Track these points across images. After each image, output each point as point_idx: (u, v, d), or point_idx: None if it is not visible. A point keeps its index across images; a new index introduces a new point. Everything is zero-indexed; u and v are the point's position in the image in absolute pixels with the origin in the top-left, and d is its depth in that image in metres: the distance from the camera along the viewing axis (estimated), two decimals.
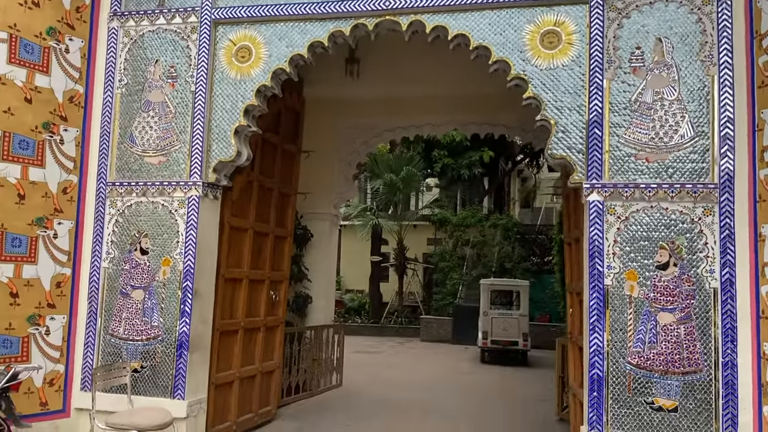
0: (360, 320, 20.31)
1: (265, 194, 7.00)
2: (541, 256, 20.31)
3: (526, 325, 13.54)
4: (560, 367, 8.06)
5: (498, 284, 14.55)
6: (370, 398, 9.03)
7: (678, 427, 4.60)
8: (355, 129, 9.50)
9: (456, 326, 17.65)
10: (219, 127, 5.72)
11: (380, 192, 19.23)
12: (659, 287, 4.74)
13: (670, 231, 4.78)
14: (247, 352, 6.75)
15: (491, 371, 12.51)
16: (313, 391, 8.93)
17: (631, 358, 4.72)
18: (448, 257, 19.71)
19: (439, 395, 9.50)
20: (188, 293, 5.57)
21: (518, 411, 8.56)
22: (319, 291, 9.43)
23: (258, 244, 6.90)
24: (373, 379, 10.90)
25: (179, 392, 5.49)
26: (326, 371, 9.41)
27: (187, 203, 5.65)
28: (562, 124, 5.06)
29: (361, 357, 13.83)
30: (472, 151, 19.72)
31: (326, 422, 7.42)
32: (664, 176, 4.83)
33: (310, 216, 9.38)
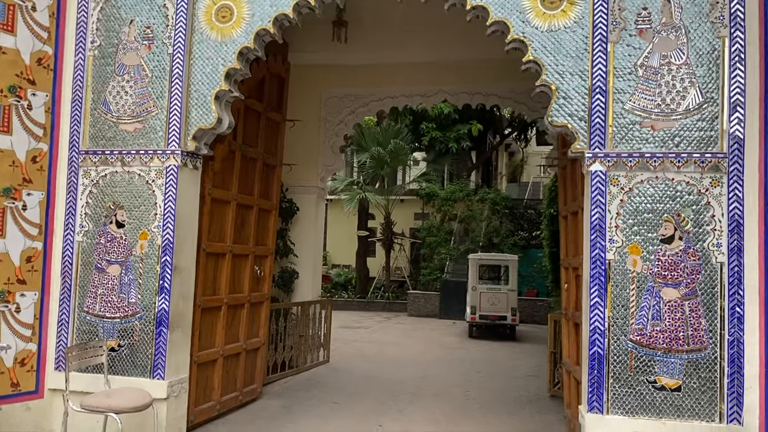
0: (347, 295, 20.13)
1: (249, 165, 6.68)
2: (529, 230, 20.18)
3: (514, 299, 13.41)
4: (552, 343, 7.90)
5: (486, 259, 14.37)
6: (358, 374, 8.84)
7: (681, 406, 4.42)
8: (342, 98, 9.16)
9: (443, 301, 17.53)
10: (199, 92, 5.37)
11: (367, 165, 18.90)
12: (663, 262, 4.52)
13: (675, 203, 4.54)
14: (231, 329, 6.49)
15: (479, 346, 12.38)
16: (300, 368, 8.71)
17: (633, 336, 4.52)
18: (435, 232, 19.51)
19: (428, 371, 9.34)
20: (167, 268, 5.27)
21: (509, 387, 8.41)
22: (305, 266, 9.15)
23: (241, 217, 6.60)
24: (361, 354, 10.72)
25: (159, 372, 5.22)
26: (313, 348, 9.19)
27: (165, 173, 5.32)
28: (564, 89, 4.78)
29: (348, 332, 13.65)
30: (460, 124, 19.42)
31: (314, 400, 7.21)
32: (670, 145, 4.58)
33: (296, 189, 9.06)
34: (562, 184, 6.68)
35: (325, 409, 6.80)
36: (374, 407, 6.99)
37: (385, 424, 6.26)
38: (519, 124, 22.75)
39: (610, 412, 4.50)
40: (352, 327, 14.86)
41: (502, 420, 6.62)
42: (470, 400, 7.57)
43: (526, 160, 29.64)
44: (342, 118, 9.16)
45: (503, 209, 19.77)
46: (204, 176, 5.79)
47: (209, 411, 6.09)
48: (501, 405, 7.34)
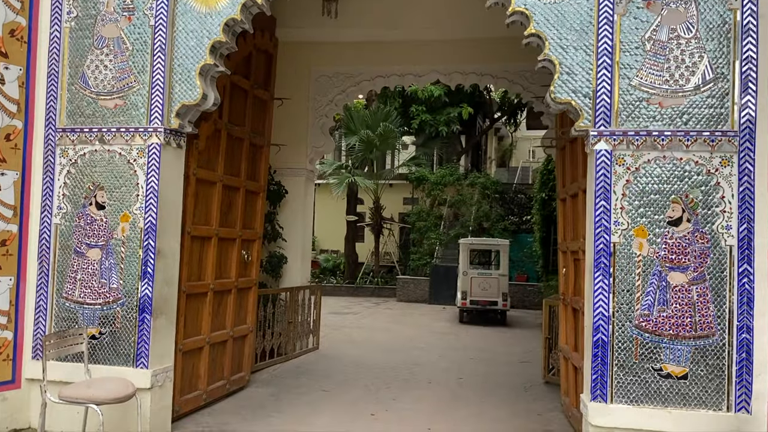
0: (335, 281, 19.93)
1: (235, 144, 6.41)
2: (519, 215, 20.04)
3: (505, 284, 13.27)
4: (548, 329, 7.74)
5: (477, 243, 14.21)
6: (347, 361, 8.64)
7: (687, 394, 4.26)
8: (331, 77, 8.88)
9: (433, 286, 17.38)
10: (182, 67, 5.08)
11: (356, 149, 18.61)
12: (670, 245, 4.33)
13: (683, 183, 4.35)
14: (218, 315, 6.25)
15: (470, 332, 12.23)
16: (289, 355, 8.50)
17: (638, 322, 4.34)
18: (425, 216, 19.31)
19: (420, 357, 9.16)
20: (150, 252, 5.01)
21: (503, 373, 8.25)
22: (294, 251, 8.92)
23: (228, 199, 6.34)
24: (351, 341, 10.53)
25: (142, 360, 4.98)
26: (302, 334, 8.98)
27: (147, 152, 5.05)
28: (567, 64, 4.55)
29: (337, 318, 13.46)
30: (450, 107, 19.17)
31: (303, 388, 7.00)
32: (679, 123, 4.38)
33: (284, 171, 8.80)
34: (561, 165, 6.48)
35: (315, 398, 6.60)
36: (365, 395, 6.80)
37: (377, 414, 6.08)
38: (509, 108, 22.57)
39: (614, 401, 4.33)
40: (341, 313, 14.66)
41: (497, 407, 6.45)
42: (464, 387, 7.40)
43: (515, 145, 29.50)
44: (332, 98, 8.89)
45: (493, 194, 19.60)
46: (188, 156, 5.52)
47: (195, 400, 5.87)
48: (496, 392, 7.17)
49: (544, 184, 14.24)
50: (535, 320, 14.48)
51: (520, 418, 6.11)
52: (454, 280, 16.75)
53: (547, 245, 15.08)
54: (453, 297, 16.92)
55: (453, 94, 19.01)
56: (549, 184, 14.12)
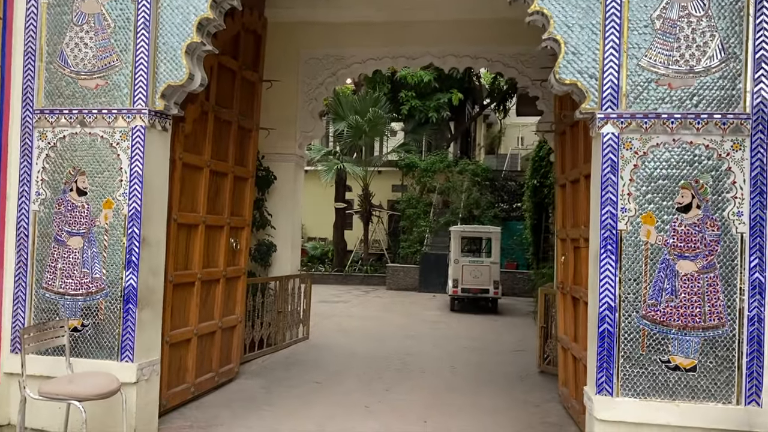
0: (324, 269, 19.73)
1: (223, 128, 6.16)
2: (510, 202, 19.92)
3: (497, 272, 13.14)
4: (543, 318, 7.60)
5: (469, 231, 14.05)
6: (339, 351, 8.46)
7: (696, 387, 4.12)
8: (321, 59, 8.61)
9: (423, 274, 17.25)
10: (167, 45, 4.82)
11: (344, 135, 18.32)
12: (679, 232, 4.17)
13: (693, 168, 4.18)
14: (206, 306, 6.03)
15: (462, 320, 12.10)
16: (279, 346, 8.30)
17: (645, 312, 4.18)
18: (415, 203, 19.13)
19: (412, 346, 9.00)
20: (135, 240, 4.77)
21: (496, 363, 8.11)
22: (284, 238, 8.69)
23: (215, 185, 6.10)
24: (341, 330, 10.34)
25: (127, 354, 4.75)
26: (292, 324, 8.78)
27: (130, 135, 4.79)
28: (573, 44, 4.34)
29: (327, 307, 13.27)
30: (440, 93, 18.93)
31: (294, 379, 6.82)
32: (689, 105, 4.20)
33: (273, 157, 8.55)
34: (560, 150, 6.31)
35: (306, 390, 6.42)
36: (358, 386, 6.62)
37: (371, 405, 5.91)
38: (498, 94, 22.37)
39: (620, 394, 4.18)
40: (331, 301, 14.47)
41: (493, 398, 6.31)
42: (458, 377, 7.25)
43: (504, 132, 29.35)
44: (322, 81, 8.63)
45: (483, 181, 19.45)
46: (174, 139, 5.27)
47: (183, 394, 5.66)
48: (490, 382, 7.03)
49: (535, 171, 14.08)
50: (525, 308, 14.39)
51: (516, 408, 5.97)
52: (444, 267, 16.62)
53: (538, 232, 14.96)
54: (443, 285, 16.81)
55: (443, 80, 18.79)
56: (541, 171, 13.98)
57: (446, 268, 16.23)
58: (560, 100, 6.15)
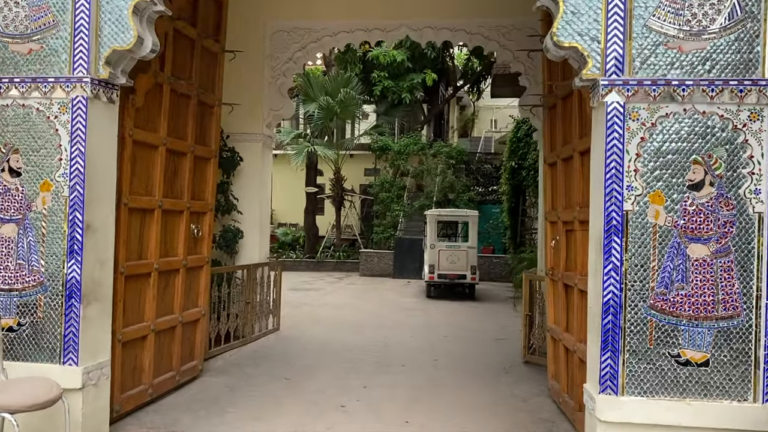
0: (295, 255, 19.16)
1: (181, 102, 5.57)
2: (485, 185, 19.56)
3: (474, 257, 12.74)
4: (529, 306, 7.20)
5: (446, 215, 13.60)
6: (311, 343, 7.97)
7: (709, 383, 3.72)
8: (290, 33, 8.03)
9: (397, 260, 16.82)
10: (112, 4, 4.20)
11: (315, 117, 17.67)
12: (690, 213, 3.75)
13: (706, 141, 3.75)
14: (164, 299, 5.47)
15: (439, 307, 11.69)
16: (247, 339, 7.77)
17: (653, 302, 3.76)
18: (388, 187, 18.62)
19: (390, 337, 8.55)
20: (77, 227, 4.19)
21: (479, 353, 7.70)
22: (251, 224, 8.12)
23: (173, 165, 5.52)
24: (314, 320, 9.84)
25: (71, 356, 4.19)
26: (261, 315, 8.24)
27: (70, 107, 4.19)
28: (572, 2, 3.86)
29: (298, 295, 12.75)
30: (413, 73, 18.39)
31: (262, 376, 6.31)
32: (701, 71, 3.76)
33: (239, 137, 7.96)
34: (549, 126, 5.85)
35: (276, 387, 5.92)
36: (333, 382, 6.14)
37: (348, 405, 5.43)
38: (472, 76, 21.93)
39: (626, 393, 3.76)
40: (302, 289, 13.95)
41: (478, 392, 5.88)
42: (440, 369, 6.81)
43: (477, 115, 28.96)
44: (290, 56, 8.04)
45: (458, 164, 19.01)
46: (123, 113, 4.68)
47: (139, 396, 5.11)
48: (474, 374, 6.61)
49: (513, 152, 13.72)
50: (503, 293, 14.06)
51: (504, 404, 5.55)
52: (419, 253, 16.22)
53: (515, 216, 14.64)
54: (418, 270, 16.41)
55: (416, 60, 18.27)
56: (518, 153, 13.62)
57: (421, 254, 15.82)
58: (549, 71, 5.69)
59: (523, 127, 13.51)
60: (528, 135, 13.20)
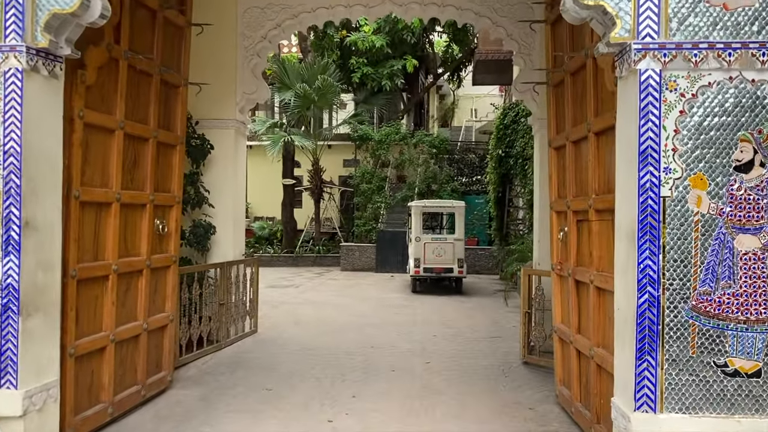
0: (272, 250, 18.46)
1: (141, 81, 4.90)
2: (469, 175, 19.04)
3: (461, 249, 12.20)
4: (528, 303, 6.67)
5: (431, 206, 13.01)
6: (292, 347, 7.35)
7: (761, 397, 3.20)
8: (264, 9, 7.35)
9: (379, 253, 16.24)
10: None
11: (291, 105, 16.92)
12: (738, 198, 3.22)
13: (756, 115, 3.22)
14: (125, 304, 4.82)
15: (426, 303, 11.13)
16: (222, 343, 7.13)
17: (696, 303, 3.23)
18: (369, 178, 17.98)
19: (376, 337, 7.96)
20: (13, 225, 3.53)
21: (473, 353, 7.15)
22: (224, 218, 7.46)
23: (133, 152, 4.85)
24: (294, 320, 9.21)
25: (8, 378, 3.54)
26: (237, 317, 7.60)
27: (2, 81, 3.52)
28: None
29: (277, 293, 12.10)
30: (393, 59, 17.76)
31: (239, 387, 5.69)
32: (750, 32, 3.22)
33: (209, 123, 7.30)
34: (555, 106, 5.29)
35: (255, 400, 5.30)
36: (318, 393, 5.54)
37: (336, 419, 4.83)
38: (452, 63, 21.38)
39: (665, 410, 3.23)
40: (281, 286, 13.30)
41: (479, 401, 5.33)
42: (434, 374, 6.25)
43: (457, 104, 28.44)
44: (265, 34, 7.36)
45: (441, 153, 18.42)
46: (71, 91, 4.01)
47: (98, 417, 4.46)
48: (471, 378, 6.06)
49: (500, 140, 13.19)
50: (490, 286, 13.57)
51: (510, 414, 5.00)
52: (402, 245, 15.66)
53: (502, 206, 14.14)
54: (401, 264, 15.86)
55: (396, 46, 17.65)
56: (506, 140, 13.10)
57: (404, 246, 15.28)
58: (554, 42, 5.13)
59: (510, 113, 12.99)
60: (515, 122, 12.69)
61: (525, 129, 11.76)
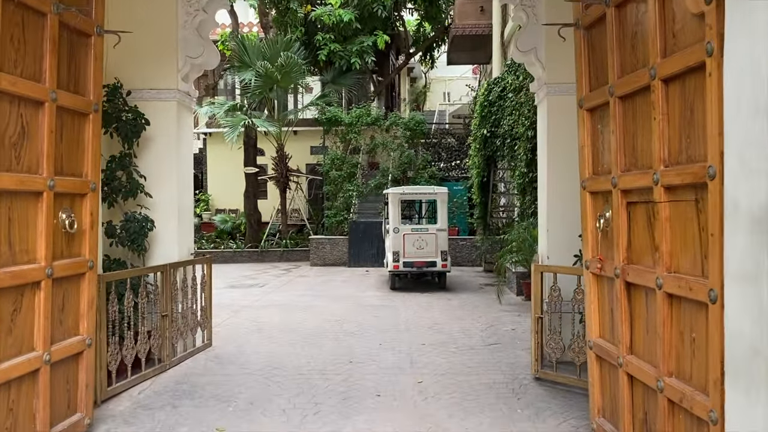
0: (235, 245, 17.02)
1: (27, 21, 3.53)
2: (448, 160, 17.83)
3: (445, 241, 10.98)
4: (539, 305, 5.49)
5: (410, 193, 11.70)
6: (253, 365, 6.05)
7: None
8: None
9: (353, 246, 14.98)
10: None
11: (252, 85, 15.44)
12: None
13: None
14: (12, 331, 3.49)
15: (408, 301, 9.91)
16: (166, 363, 5.80)
17: None
18: (339, 164, 16.61)
19: (354, 348, 6.71)
20: None
21: (472, 367, 5.96)
22: (167, 210, 6.10)
23: (18, 120, 3.50)
24: (257, 328, 7.89)
25: None
26: (186, 330, 6.26)
27: None
28: None
29: (239, 294, 10.75)
30: (363, 35, 16.41)
31: (185, 425, 4.39)
32: None
33: (145, 94, 5.96)
34: (586, 53, 4.08)
35: None
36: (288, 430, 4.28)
37: None
38: (424, 42, 20.14)
39: None
40: (244, 285, 11.94)
41: None
42: (429, 399, 5.02)
43: (429, 87, 27.20)
44: None
45: (418, 137, 17.09)
46: None
47: None
48: (477, 403, 4.86)
49: (484, 119, 11.99)
50: (475, 280, 12.42)
51: None
52: (377, 237, 14.43)
53: (486, 192, 12.97)
54: (376, 257, 14.63)
55: (365, 20, 16.32)
56: (491, 119, 11.89)
57: (379, 238, 14.05)
58: None
59: (495, 89, 11.79)
60: (501, 97, 11.49)
61: (513, 105, 10.58)
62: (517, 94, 10.25)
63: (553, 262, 5.96)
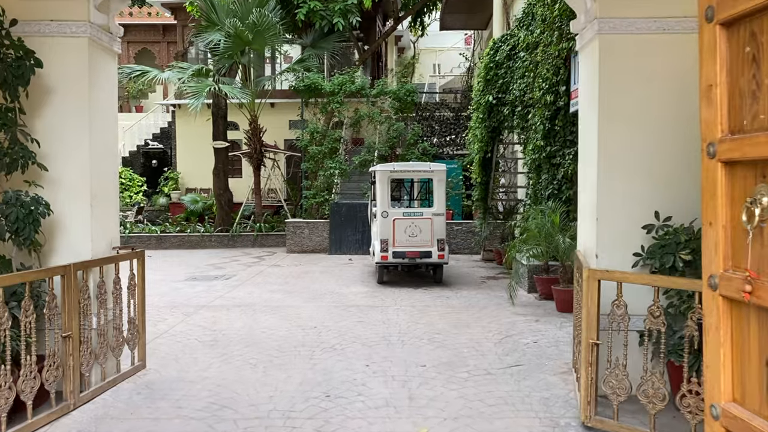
0: (204, 229, 15.29)
1: None
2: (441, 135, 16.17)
3: (442, 227, 9.35)
4: (596, 327, 3.91)
5: (402, 170, 9.98)
6: (196, 402, 4.44)
7: None
8: None
9: (334, 230, 13.35)
10: None
11: (221, 47, 13.59)
12: None
13: None
14: None
15: (399, 300, 8.30)
16: (72, 402, 4.17)
17: None
18: (320, 139, 14.85)
19: (334, 371, 5.11)
20: None
21: (492, 406, 4.38)
22: (73, 189, 4.44)
23: None
24: (211, 339, 6.26)
25: None
26: (106, 351, 4.62)
27: None
28: None
29: (199, 289, 9.09)
30: None
31: None
32: None
33: (39, 27, 4.29)
34: None
35: None
36: None
37: None
38: (413, 6, 18.35)
39: None
40: (207, 278, 10.26)
41: None
42: None
43: (418, 58, 25.42)
44: None
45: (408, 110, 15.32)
46: None
47: None
48: None
49: (489, 83, 10.31)
50: (474, 272, 10.85)
51: None
52: (361, 221, 12.84)
53: (488, 170, 11.36)
54: (360, 244, 13.05)
55: None
56: (498, 83, 10.24)
57: (364, 222, 12.45)
58: None
59: (503, 47, 10.11)
60: (511, 57, 9.83)
61: (526, 66, 8.94)
62: (532, 53, 8.61)
63: (606, 262, 4.38)
